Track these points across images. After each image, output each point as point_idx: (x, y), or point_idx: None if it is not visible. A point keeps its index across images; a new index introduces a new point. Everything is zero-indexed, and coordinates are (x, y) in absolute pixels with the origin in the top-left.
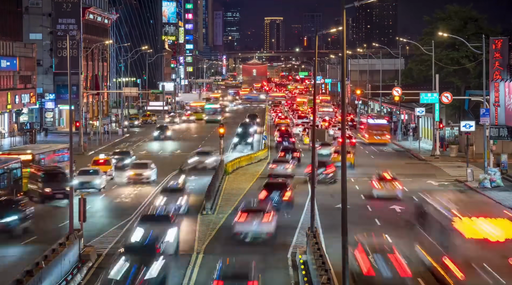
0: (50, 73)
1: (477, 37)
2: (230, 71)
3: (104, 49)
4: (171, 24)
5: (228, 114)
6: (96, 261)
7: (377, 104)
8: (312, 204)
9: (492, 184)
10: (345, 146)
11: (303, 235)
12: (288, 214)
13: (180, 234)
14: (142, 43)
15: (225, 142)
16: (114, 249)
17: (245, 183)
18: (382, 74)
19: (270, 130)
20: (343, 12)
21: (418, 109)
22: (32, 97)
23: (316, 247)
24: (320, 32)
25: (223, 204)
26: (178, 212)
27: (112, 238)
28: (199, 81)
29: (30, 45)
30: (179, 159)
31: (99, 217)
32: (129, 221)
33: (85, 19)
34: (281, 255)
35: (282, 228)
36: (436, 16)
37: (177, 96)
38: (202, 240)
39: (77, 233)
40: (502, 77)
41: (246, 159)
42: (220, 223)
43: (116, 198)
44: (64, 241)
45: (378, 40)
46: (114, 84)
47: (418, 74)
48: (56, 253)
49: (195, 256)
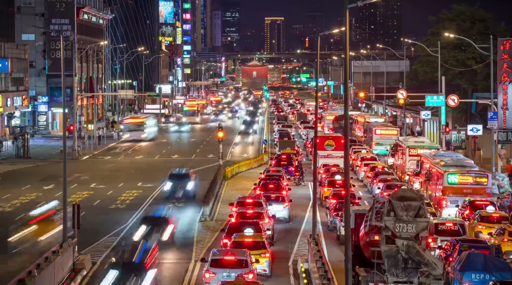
0: (43, 75)
1: (485, 37)
2: (229, 73)
3: (99, 50)
4: (168, 25)
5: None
6: (91, 270)
7: (381, 107)
8: (314, 211)
9: (500, 190)
10: (347, 149)
11: (305, 242)
12: (289, 221)
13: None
14: (138, 44)
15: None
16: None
17: (244, 189)
18: (387, 76)
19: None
20: (346, 12)
21: (423, 113)
22: (25, 100)
23: (318, 255)
24: (322, 33)
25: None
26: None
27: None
28: (197, 83)
29: (23, 46)
30: (176, 165)
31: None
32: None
33: (79, 19)
34: (281, 263)
35: (283, 235)
36: (442, 16)
37: (174, 99)
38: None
39: (71, 240)
40: (510, 79)
41: (246, 164)
42: (219, 230)
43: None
44: (57, 249)
45: (382, 41)
46: (109, 87)
47: (424, 76)
48: (49, 261)
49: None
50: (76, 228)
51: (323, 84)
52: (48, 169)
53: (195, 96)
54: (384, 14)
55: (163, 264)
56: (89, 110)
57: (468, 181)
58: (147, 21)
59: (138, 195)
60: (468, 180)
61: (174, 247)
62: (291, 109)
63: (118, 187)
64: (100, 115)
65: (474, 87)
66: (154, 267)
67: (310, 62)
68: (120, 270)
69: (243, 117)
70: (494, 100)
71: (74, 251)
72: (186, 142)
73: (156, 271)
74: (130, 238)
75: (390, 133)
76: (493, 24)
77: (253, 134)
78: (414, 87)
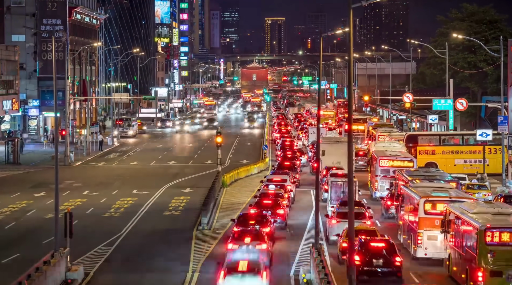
0: (34, 78)
1: (497, 39)
2: (228, 76)
3: (93, 51)
4: (164, 25)
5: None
6: (84, 281)
7: (386, 111)
8: (316, 219)
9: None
10: (352, 153)
11: (307, 252)
12: (291, 230)
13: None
14: (133, 45)
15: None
16: (103, 267)
17: (244, 197)
18: (392, 79)
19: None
20: (349, 12)
21: (430, 117)
22: (15, 104)
23: (321, 265)
24: (325, 34)
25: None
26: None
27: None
28: (195, 86)
29: (13, 47)
30: (172, 171)
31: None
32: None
33: (72, 19)
34: (282, 273)
35: (284, 244)
36: (451, 15)
37: (170, 102)
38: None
39: (62, 250)
40: None
41: (245, 170)
42: (217, 239)
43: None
44: (49, 259)
45: (387, 42)
46: (103, 90)
47: (431, 78)
48: (40, 272)
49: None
50: (69, 237)
51: (326, 87)
52: (39, 175)
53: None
54: (389, 14)
55: (158, 273)
56: (82, 114)
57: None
58: (143, 22)
59: (133, 202)
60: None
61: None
62: (298, 123)
63: (112, 194)
64: (94, 119)
65: (484, 90)
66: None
67: (312, 64)
68: None
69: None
70: (504, 104)
71: (66, 261)
72: (184, 147)
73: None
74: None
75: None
76: (506, 26)
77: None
78: (421, 90)
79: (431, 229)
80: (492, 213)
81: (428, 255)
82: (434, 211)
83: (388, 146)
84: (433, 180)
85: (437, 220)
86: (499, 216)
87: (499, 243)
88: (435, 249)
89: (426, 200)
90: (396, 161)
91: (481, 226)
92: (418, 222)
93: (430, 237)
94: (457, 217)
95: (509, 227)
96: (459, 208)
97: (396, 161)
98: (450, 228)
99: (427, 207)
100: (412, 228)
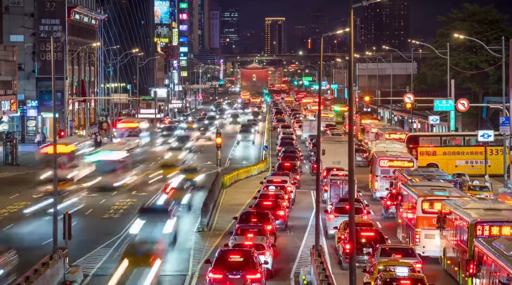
0: (33, 78)
1: (498, 39)
2: (228, 76)
3: (91, 52)
4: (164, 25)
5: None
6: (83, 283)
7: (387, 111)
8: (317, 220)
9: None
10: (352, 154)
11: (307, 253)
12: (291, 231)
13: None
14: (132, 45)
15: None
16: (101, 270)
17: (243, 198)
18: (393, 80)
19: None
20: (350, 12)
21: (432, 117)
22: (13, 104)
23: (322, 267)
24: (325, 34)
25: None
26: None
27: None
28: (195, 86)
29: (11, 47)
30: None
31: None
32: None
33: (71, 19)
34: (282, 274)
35: (284, 245)
36: (452, 16)
37: (170, 103)
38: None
39: (61, 252)
40: None
41: (245, 171)
42: (217, 241)
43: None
44: (47, 261)
45: (388, 42)
46: (102, 90)
47: (432, 79)
48: (38, 274)
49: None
50: (67, 238)
51: (327, 87)
52: (38, 177)
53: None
54: (390, 14)
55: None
56: (80, 115)
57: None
58: (142, 22)
59: (132, 204)
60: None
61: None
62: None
63: (112, 195)
64: (93, 120)
65: (485, 91)
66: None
67: (313, 65)
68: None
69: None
70: (506, 105)
71: (65, 262)
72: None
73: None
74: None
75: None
76: (508, 26)
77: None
78: (422, 91)
79: (428, 228)
80: (484, 208)
81: (425, 253)
82: (432, 210)
83: (389, 147)
84: (432, 179)
85: (435, 219)
86: (490, 211)
87: (489, 237)
88: (432, 247)
89: (424, 199)
90: (396, 161)
91: (472, 220)
92: (416, 221)
93: (427, 236)
94: (451, 213)
95: (499, 221)
96: (453, 204)
97: (396, 161)
98: (445, 223)
99: (425, 206)
100: (410, 227)
